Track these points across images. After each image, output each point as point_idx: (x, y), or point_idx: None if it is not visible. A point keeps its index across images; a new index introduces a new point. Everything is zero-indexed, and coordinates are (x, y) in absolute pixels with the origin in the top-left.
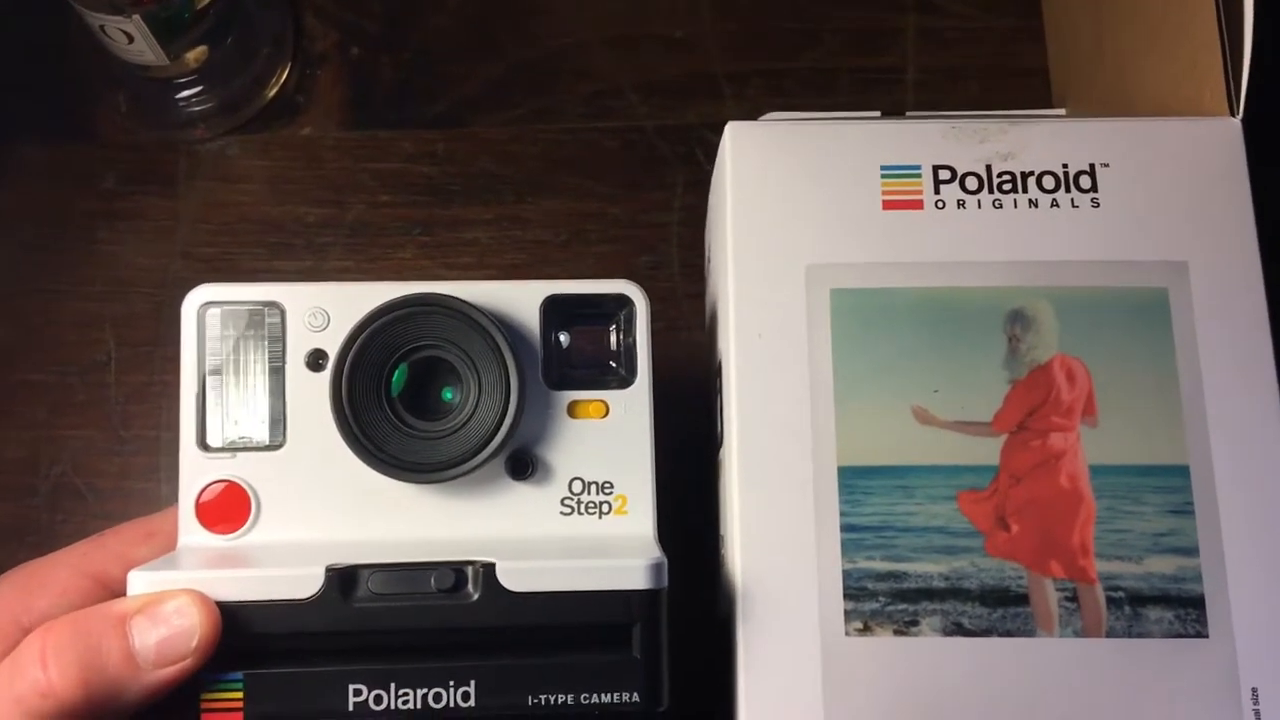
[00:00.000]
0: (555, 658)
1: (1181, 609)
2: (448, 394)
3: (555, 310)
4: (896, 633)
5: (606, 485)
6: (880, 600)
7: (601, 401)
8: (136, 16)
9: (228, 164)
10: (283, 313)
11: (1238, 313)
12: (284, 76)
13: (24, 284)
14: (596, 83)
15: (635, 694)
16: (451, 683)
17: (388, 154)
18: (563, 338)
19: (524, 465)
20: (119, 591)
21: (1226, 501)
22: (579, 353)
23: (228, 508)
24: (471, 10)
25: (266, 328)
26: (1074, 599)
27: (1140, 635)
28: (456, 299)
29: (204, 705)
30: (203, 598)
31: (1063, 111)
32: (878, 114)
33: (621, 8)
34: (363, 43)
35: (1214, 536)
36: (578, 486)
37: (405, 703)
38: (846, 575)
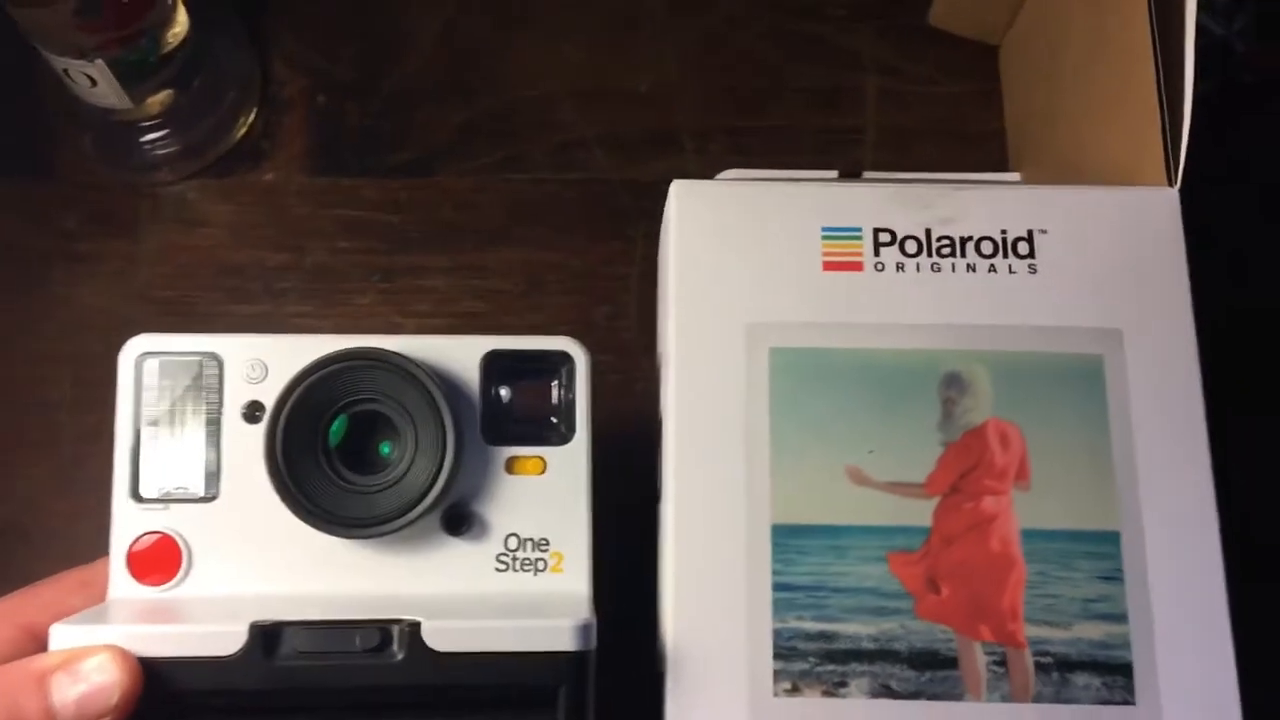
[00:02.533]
0: (481, 718)
1: (1109, 675)
2: (385, 448)
3: (496, 366)
4: (825, 694)
5: (543, 542)
6: (810, 661)
7: (540, 458)
8: (100, 61)
9: (189, 208)
10: (220, 364)
11: (1171, 382)
12: (250, 122)
13: None
14: (562, 134)
15: None
16: None
17: (350, 201)
18: (503, 393)
19: (460, 521)
20: None
21: (1156, 569)
22: (519, 409)
23: (159, 559)
24: (441, 59)
25: (204, 379)
26: (1003, 663)
27: (1067, 701)
28: (394, 353)
29: None
30: (123, 654)
31: (1018, 176)
32: (834, 175)
33: (589, 60)
34: (331, 89)
35: (1143, 604)
36: (513, 543)
37: None
38: (777, 634)
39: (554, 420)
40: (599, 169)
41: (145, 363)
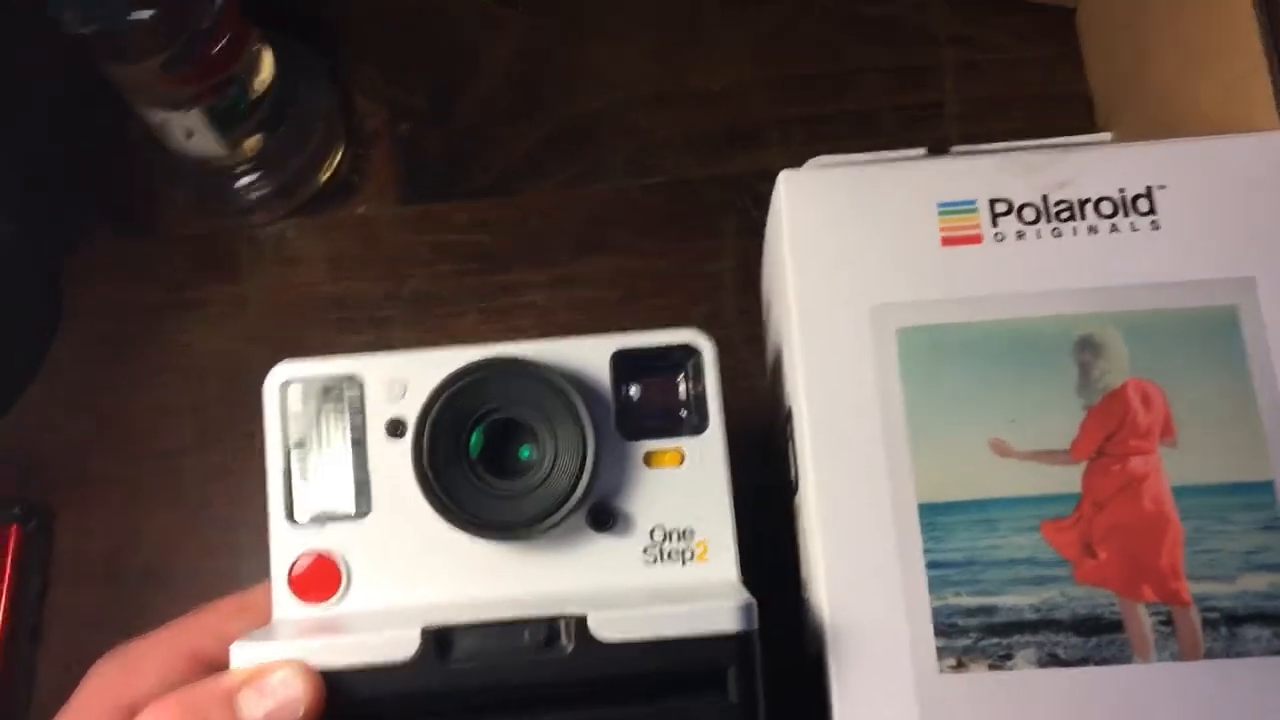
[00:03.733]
0: (652, 705)
1: (1279, 626)
2: (525, 452)
3: (624, 363)
4: (991, 667)
5: (687, 532)
6: (972, 636)
7: (677, 450)
8: (196, 111)
9: (288, 246)
10: (361, 385)
11: None
12: (338, 158)
13: (99, 377)
14: (639, 139)
15: None
16: None
17: (442, 225)
18: (633, 390)
19: (605, 517)
20: (215, 667)
21: None
22: (650, 403)
23: (319, 578)
24: (514, 78)
25: (346, 400)
26: (1169, 622)
27: (1239, 655)
28: (529, 360)
29: None
30: (306, 667)
31: (1109, 136)
32: (923, 151)
33: (659, 65)
34: (411, 119)
35: None
36: (659, 535)
37: None
38: (936, 613)
39: (686, 412)
40: (680, 170)
41: (289, 389)
